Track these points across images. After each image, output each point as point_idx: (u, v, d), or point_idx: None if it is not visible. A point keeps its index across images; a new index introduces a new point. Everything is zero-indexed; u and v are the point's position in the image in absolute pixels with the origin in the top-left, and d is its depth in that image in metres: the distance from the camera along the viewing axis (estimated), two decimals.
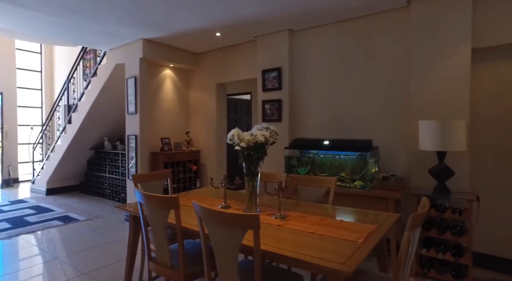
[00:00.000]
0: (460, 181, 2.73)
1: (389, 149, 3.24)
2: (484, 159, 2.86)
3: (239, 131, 2.02)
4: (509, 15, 2.62)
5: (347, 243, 1.46)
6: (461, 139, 2.49)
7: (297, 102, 3.89)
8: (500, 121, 2.79)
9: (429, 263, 2.62)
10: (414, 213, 1.36)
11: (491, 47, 2.74)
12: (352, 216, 2.00)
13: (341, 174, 3.17)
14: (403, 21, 3.13)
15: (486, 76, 2.84)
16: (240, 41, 4.40)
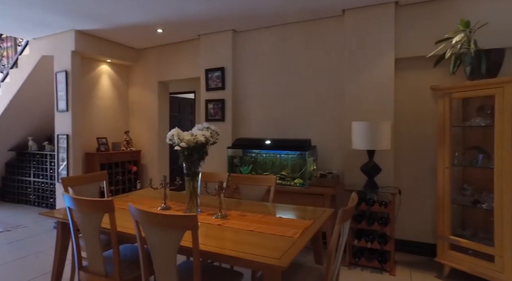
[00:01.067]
0: (386, 176, 3.03)
1: (326, 148, 3.46)
2: (404, 156, 3.20)
3: (179, 131, 1.98)
4: (421, 31, 2.98)
5: (284, 239, 1.53)
6: (387, 139, 2.76)
7: (240, 102, 3.94)
8: (416, 123, 3.15)
9: (359, 253, 2.85)
10: (343, 208, 1.48)
11: (410, 58, 3.09)
12: (291, 212, 2.10)
13: (282, 173, 3.29)
14: (339, 29, 3.36)
15: (406, 83, 3.19)
16: (183, 38, 4.30)
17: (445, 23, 2.89)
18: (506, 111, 2.21)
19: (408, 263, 2.94)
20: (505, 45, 2.65)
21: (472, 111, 2.77)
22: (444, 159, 2.60)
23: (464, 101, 2.80)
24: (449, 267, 2.60)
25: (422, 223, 3.13)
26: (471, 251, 2.49)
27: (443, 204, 2.61)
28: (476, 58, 2.41)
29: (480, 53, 2.40)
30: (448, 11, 2.92)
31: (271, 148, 3.35)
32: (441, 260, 2.62)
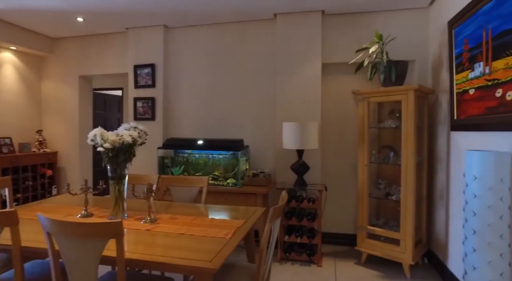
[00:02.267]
0: (314, 174, 3.23)
1: (258, 148, 3.54)
2: (330, 155, 3.46)
3: (103, 131, 1.82)
4: (344, 40, 3.26)
5: (216, 240, 1.52)
6: (315, 139, 2.95)
7: (172, 101, 3.80)
8: (340, 124, 3.43)
9: (290, 248, 2.99)
10: (274, 206, 1.52)
11: (335, 63, 3.35)
12: (223, 213, 2.09)
13: (214, 173, 3.27)
14: (271, 32, 3.47)
15: (332, 87, 3.45)
16: (109, 30, 3.97)
17: (364, 34, 3.21)
18: (410, 114, 2.55)
19: (333, 253, 3.18)
20: (408, 58, 3.05)
21: (385, 114, 3.12)
22: (363, 157, 2.88)
23: (379, 105, 3.14)
24: (366, 254, 2.89)
25: (345, 216, 3.42)
26: (383, 238, 2.81)
27: (362, 198, 2.88)
28: (388, 67, 2.72)
29: (390, 63, 2.72)
30: (366, 24, 3.24)
31: (203, 148, 3.31)
32: (360, 248, 2.90)
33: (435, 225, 2.87)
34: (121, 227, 1.23)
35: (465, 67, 2.25)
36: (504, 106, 1.79)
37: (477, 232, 1.67)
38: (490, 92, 1.93)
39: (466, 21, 2.24)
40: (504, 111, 1.78)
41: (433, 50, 2.98)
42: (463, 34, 2.29)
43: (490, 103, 1.93)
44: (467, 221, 1.74)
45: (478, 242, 1.67)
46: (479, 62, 2.07)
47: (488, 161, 1.64)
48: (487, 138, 2.00)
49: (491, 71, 1.92)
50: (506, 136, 1.79)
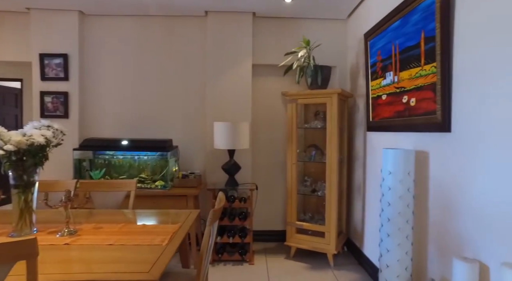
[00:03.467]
0: (245, 174, 3.26)
1: (188, 148, 3.42)
2: (261, 154, 3.55)
3: (2, 130, 1.52)
4: (274, 42, 3.39)
5: (152, 248, 1.41)
6: (246, 138, 2.98)
7: (90, 97, 3.41)
8: (271, 124, 3.55)
9: (222, 249, 2.97)
10: (213, 209, 1.48)
11: (266, 65, 3.45)
12: (154, 218, 1.96)
13: (141, 175, 3.05)
14: (202, 29, 3.39)
15: (263, 88, 3.54)
16: (2, 7, 3.33)
17: (293, 38, 3.37)
18: (333, 116, 2.78)
19: (264, 250, 3.27)
20: (330, 64, 3.32)
21: (311, 115, 3.34)
22: (292, 156, 3.02)
23: (306, 107, 3.35)
24: (295, 248, 3.05)
25: (275, 213, 3.55)
26: (310, 232, 3.00)
27: (291, 195, 3.03)
28: (314, 71, 2.91)
29: (316, 67, 2.92)
30: (295, 29, 3.41)
31: (128, 149, 3.05)
32: (289, 243, 3.04)
33: (354, 216, 3.19)
34: (36, 245, 1.04)
35: (379, 75, 2.55)
36: (409, 110, 2.08)
37: (390, 219, 1.91)
38: (398, 98, 2.23)
39: (379, 35, 2.53)
40: (409, 114, 2.08)
41: (351, 58, 3.31)
42: (376, 46, 2.59)
43: (398, 107, 2.23)
44: (383, 211, 1.97)
45: (391, 228, 1.90)
46: (389, 71, 2.36)
47: (399, 158, 1.89)
48: (396, 138, 2.30)
49: (399, 80, 2.21)
50: (410, 136, 2.09)
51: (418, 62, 1.97)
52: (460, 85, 1.64)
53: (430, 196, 1.88)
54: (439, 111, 1.77)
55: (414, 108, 2.03)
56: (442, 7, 1.73)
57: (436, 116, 1.80)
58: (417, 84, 1.99)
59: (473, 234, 1.53)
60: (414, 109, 2.03)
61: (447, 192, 1.73)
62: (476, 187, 1.51)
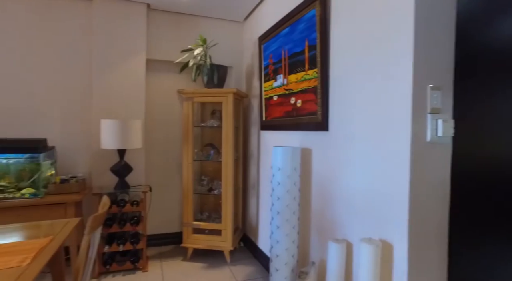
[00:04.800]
0: (138, 175, 3.03)
1: (69, 149, 2.98)
2: (156, 154, 3.35)
3: None
4: (170, 38, 3.25)
5: (6, 273, 1.15)
6: (138, 137, 2.77)
7: None
8: (167, 122, 3.39)
9: (110, 259, 2.68)
10: (93, 215, 1.31)
11: (161, 61, 3.27)
12: (17, 234, 1.62)
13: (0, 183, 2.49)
14: (87, 16, 2.99)
15: (159, 84, 3.35)
16: None
17: (190, 35, 3.29)
18: (229, 115, 2.83)
19: (159, 255, 3.10)
20: (227, 64, 3.39)
21: (208, 114, 3.33)
22: (188, 155, 2.95)
23: (203, 105, 3.32)
24: (192, 249, 2.99)
25: (171, 215, 3.41)
26: (207, 231, 2.99)
27: (187, 195, 2.95)
28: (211, 70, 2.91)
29: (213, 66, 2.92)
30: (192, 26, 3.34)
31: None
32: (185, 245, 2.96)
33: (249, 212, 3.32)
34: None
35: (271, 77, 2.72)
36: (296, 111, 2.29)
37: (279, 212, 2.05)
38: (287, 99, 2.42)
39: (271, 39, 2.70)
40: (296, 115, 2.28)
41: (247, 60, 3.44)
42: (269, 50, 2.76)
43: (287, 108, 2.42)
44: (274, 205, 2.11)
45: (280, 220, 2.05)
46: (280, 74, 2.55)
47: (287, 155, 2.05)
48: (286, 136, 2.49)
49: (288, 82, 2.41)
50: (297, 134, 2.30)
51: (303, 67, 2.18)
52: (335, 89, 1.88)
53: (313, 188, 2.10)
54: (319, 112, 2.00)
55: (300, 109, 2.23)
56: (321, 20, 1.95)
57: (317, 116, 2.02)
58: (303, 87, 2.19)
59: (343, 218, 1.77)
60: (300, 110, 2.23)
61: (325, 183, 1.96)
62: (346, 177, 1.75)
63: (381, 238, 1.50)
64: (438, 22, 1.38)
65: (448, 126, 1.40)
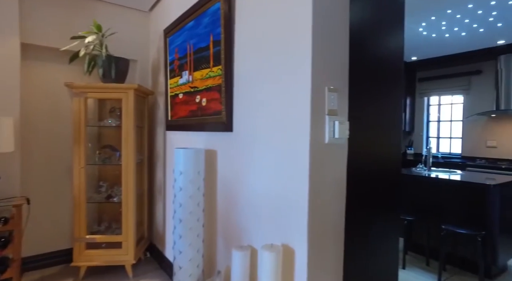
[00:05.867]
0: (7, 185, 2.47)
1: None
2: (37, 158, 2.79)
3: None
4: (56, 21, 2.75)
5: None
6: (9, 139, 2.24)
7: None
8: (52, 120, 2.86)
9: None
10: None
11: (44, 47, 2.74)
12: None
13: None
14: None
15: (40, 75, 2.80)
16: None
17: (82, 20, 2.84)
18: (130, 113, 2.52)
19: (41, 279, 2.59)
20: (130, 57, 3.05)
21: (106, 111, 2.93)
22: (80, 159, 2.53)
23: (101, 102, 2.91)
24: (85, 267, 2.58)
25: (60, 230, 2.89)
26: (104, 245, 2.62)
27: (79, 205, 2.53)
28: (107, 62, 2.55)
29: (110, 58, 2.57)
30: (89, 10, 2.88)
31: None
32: (76, 263, 2.53)
33: (155, 219, 3.04)
34: None
35: (176, 74, 2.51)
36: (201, 110, 2.14)
37: (182, 220, 1.88)
38: (192, 97, 2.25)
39: (176, 33, 2.50)
40: (201, 114, 2.13)
41: (153, 54, 3.14)
42: (174, 44, 2.54)
43: (192, 107, 2.25)
44: (176, 212, 1.92)
45: (183, 229, 1.87)
46: (185, 70, 2.36)
47: (189, 157, 1.88)
48: (191, 137, 2.32)
49: (193, 80, 2.24)
50: (203, 135, 2.15)
51: (208, 64, 2.04)
52: (239, 88, 1.79)
53: (219, 193, 1.98)
54: (224, 111, 1.88)
55: (205, 108, 2.09)
56: (225, 15, 1.84)
57: (222, 116, 1.91)
58: (207, 85, 2.06)
59: (249, 223, 1.70)
60: (205, 109, 2.09)
61: (231, 187, 1.86)
62: (251, 180, 1.68)
63: (284, 243, 1.46)
64: (335, 29, 1.40)
65: (344, 128, 1.43)
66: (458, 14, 3.41)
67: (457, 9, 3.29)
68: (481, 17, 3.49)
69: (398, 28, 1.80)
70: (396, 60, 1.80)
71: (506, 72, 4.56)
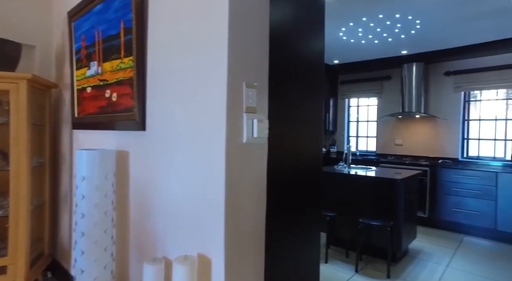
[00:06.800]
0: None
1: None
2: None
3: None
4: None
5: None
6: None
7: None
8: None
9: None
10: None
11: None
12: None
13: None
14: None
15: None
16: None
17: None
18: (21, 108, 2.11)
19: None
20: (26, 42, 2.58)
21: None
22: None
23: None
24: None
25: None
26: None
27: None
28: None
29: None
30: None
31: None
32: None
33: (60, 233, 2.63)
34: None
35: (83, 64, 2.19)
36: (111, 106, 1.88)
37: (85, 233, 1.62)
38: (101, 92, 1.98)
39: (83, 17, 2.17)
40: (112, 111, 1.88)
41: (57, 40, 2.71)
42: (81, 30, 2.21)
43: (102, 102, 1.98)
44: (77, 224, 1.64)
45: (86, 243, 1.62)
46: (94, 61, 2.07)
47: (94, 160, 1.63)
48: (101, 137, 2.04)
49: (102, 71, 1.97)
50: (113, 134, 1.90)
51: (119, 54, 1.80)
52: (153, 82, 1.61)
53: (131, 199, 1.77)
54: (136, 108, 1.68)
55: (116, 104, 1.85)
56: None
57: (134, 113, 1.70)
58: (118, 78, 1.82)
59: (166, 231, 1.53)
60: (116, 105, 1.85)
61: (145, 192, 1.67)
62: (167, 184, 1.52)
63: (201, 253, 1.34)
64: (253, 25, 1.32)
65: (263, 126, 1.37)
66: (371, 23, 3.70)
67: (371, 18, 3.57)
68: (389, 28, 3.85)
69: (318, 30, 1.81)
70: (317, 61, 1.81)
71: (409, 79, 5.15)
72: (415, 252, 3.55)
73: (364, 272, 2.99)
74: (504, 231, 4.02)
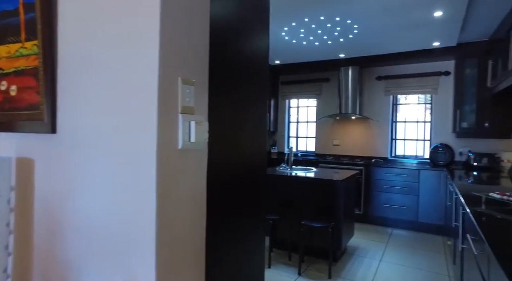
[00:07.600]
0: None
1: None
2: None
3: None
4: None
5: None
6: None
7: None
8: None
9: None
10: None
11: None
12: None
13: None
14: None
15: None
16: None
17: None
18: None
19: None
20: None
21: None
22: None
23: None
24: None
25: None
26: None
27: None
28: None
29: None
30: None
31: None
32: None
33: None
34: None
35: None
36: (9, 102, 1.50)
37: None
38: None
39: None
40: (10, 108, 1.50)
41: None
42: None
43: None
44: None
45: None
46: None
47: None
48: None
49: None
50: (13, 137, 1.52)
51: (18, 36, 1.44)
52: (66, 75, 1.30)
53: (36, 219, 1.42)
54: (43, 105, 1.35)
55: (16, 99, 1.47)
56: None
57: (41, 112, 1.36)
58: (18, 67, 1.45)
59: (81, 256, 1.24)
60: (16, 100, 1.47)
61: (55, 209, 1.35)
62: (84, 199, 1.23)
63: (126, 280, 1.10)
64: (191, 18, 1.12)
65: (202, 129, 1.18)
66: (313, 24, 3.73)
67: (312, 19, 3.59)
68: (329, 31, 3.94)
69: (263, 29, 1.68)
70: (262, 60, 1.69)
71: (345, 82, 5.39)
72: (353, 249, 3.68)
73: (306, 274, 2.97)
74: (424, 222, 4.43)
